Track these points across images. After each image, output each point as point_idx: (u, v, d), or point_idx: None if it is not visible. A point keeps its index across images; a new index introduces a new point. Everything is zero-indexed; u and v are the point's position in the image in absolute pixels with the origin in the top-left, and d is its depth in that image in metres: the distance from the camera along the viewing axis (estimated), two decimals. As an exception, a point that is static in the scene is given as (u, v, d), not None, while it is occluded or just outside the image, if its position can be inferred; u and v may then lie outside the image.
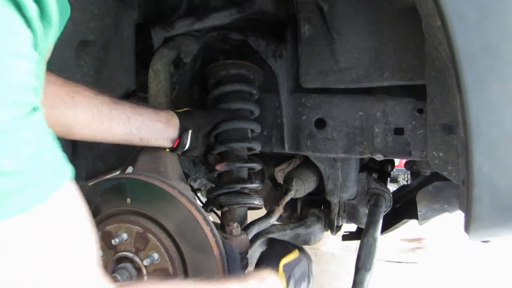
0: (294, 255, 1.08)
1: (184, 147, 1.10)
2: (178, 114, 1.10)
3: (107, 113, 0.92)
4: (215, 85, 1.26)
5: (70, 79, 0.88)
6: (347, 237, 1.96)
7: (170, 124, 1.07)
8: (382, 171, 1.72)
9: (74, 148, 1.24)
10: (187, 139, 1.09)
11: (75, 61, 1.15)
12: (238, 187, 1.20)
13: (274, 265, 1.02)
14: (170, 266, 0.97)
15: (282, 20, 1.26)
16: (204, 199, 1.67)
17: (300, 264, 1.09)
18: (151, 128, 1.02)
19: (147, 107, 1.05)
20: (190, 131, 1.09)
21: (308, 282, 1.11)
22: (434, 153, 1.05)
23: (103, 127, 0.92)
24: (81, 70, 1.18)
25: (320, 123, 1.25)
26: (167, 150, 1.11)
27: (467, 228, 0.82)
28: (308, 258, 1.15)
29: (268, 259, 1.06)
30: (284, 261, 1.04)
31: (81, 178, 1.30)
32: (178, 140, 1.09)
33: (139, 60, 1.30)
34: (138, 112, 1.00)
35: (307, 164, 1.50)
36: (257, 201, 1.23)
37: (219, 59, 1.28)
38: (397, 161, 2.35)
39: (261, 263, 1.05)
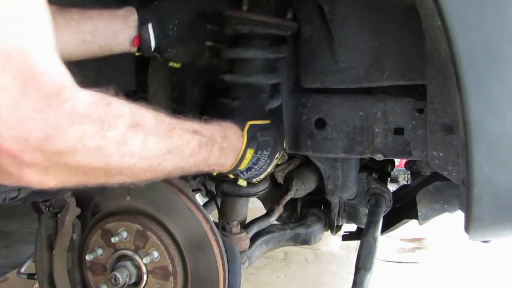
0: (264, 121, 1.06)
1: (150, 45, 0.95)
2: (138, 8, 0.95)
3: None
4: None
5: None
6: (347, 237, 1.95)
7: (129, 21, 0.93)
8: (382, 171, 1.72)
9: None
10: (148, 33, 0.94)
11: (75, 61, 1.15)
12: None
13: (241, 122, 0.99)
14: (170, 264, 0.97)
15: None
16: (204, 200, 1.67)
17: (267, 132, 1.05)
18: (107, 30, 0.90)
19: (100, 10, 0.91)
20: (150, 24, 0.95)
21: (271, 154, 1.07)
22: (434, 153, 1.05)
23: None
24: (81, 70, 1.17)
25: (320, 123, 1.25)
26: (137, 54, 0.98)
27: (467, 228, 0.82)
28: (279, 134, 1.11)
29: (239, 115, 1.02)
30: (252, 122, 1.01)
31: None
32: (136, 37, 0.94)
33: (139, 60, 1.30)
34: (88, 16, 0.88)
35: (307, 164, 1.50)
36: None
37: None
38: (397, 161, 2.35)
39: (229, 117, 1.00)
